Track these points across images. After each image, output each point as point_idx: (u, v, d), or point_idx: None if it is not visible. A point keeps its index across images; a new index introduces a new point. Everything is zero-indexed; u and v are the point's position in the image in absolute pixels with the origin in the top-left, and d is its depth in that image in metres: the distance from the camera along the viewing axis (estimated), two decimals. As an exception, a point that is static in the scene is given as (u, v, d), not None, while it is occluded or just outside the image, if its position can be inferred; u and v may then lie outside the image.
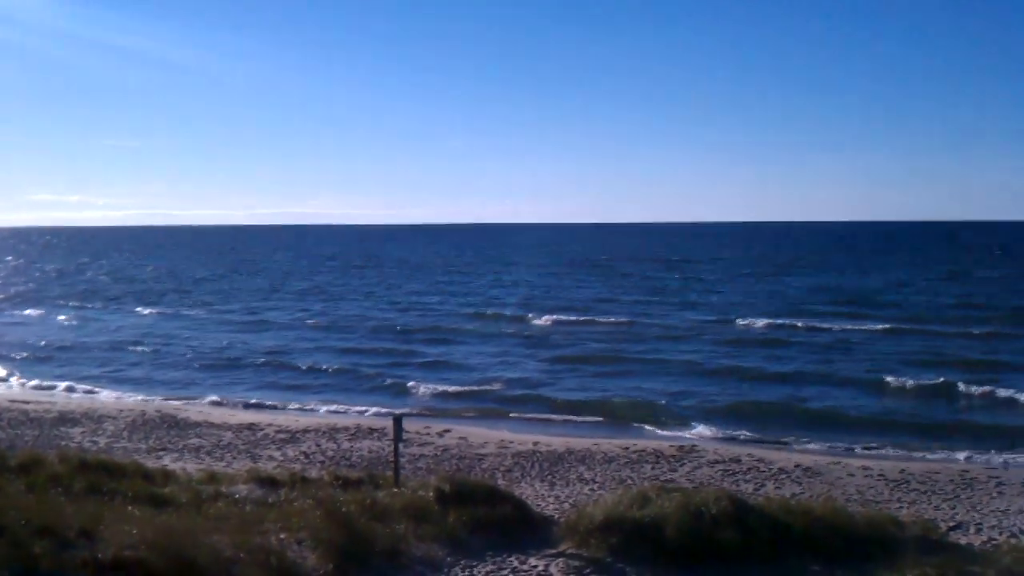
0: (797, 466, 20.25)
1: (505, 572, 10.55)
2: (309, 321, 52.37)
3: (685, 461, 20.85)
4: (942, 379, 30.56)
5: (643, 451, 21.84)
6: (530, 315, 52.24)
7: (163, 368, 37.36)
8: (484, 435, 23.90)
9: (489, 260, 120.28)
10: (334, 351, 40.73)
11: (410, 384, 32.23)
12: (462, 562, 10.74)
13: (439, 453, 21.47)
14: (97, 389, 32.65)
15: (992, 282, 72.76)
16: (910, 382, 30.56)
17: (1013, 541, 13.61)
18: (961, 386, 29.55)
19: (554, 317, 51.08)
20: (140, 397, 30.82)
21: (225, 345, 42.88)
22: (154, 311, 59.27)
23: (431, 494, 12.33)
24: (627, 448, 22.12)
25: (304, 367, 36.51)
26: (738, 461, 20.77)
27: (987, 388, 29.18)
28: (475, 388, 31.69)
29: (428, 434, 23.71)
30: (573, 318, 51.10)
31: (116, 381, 34.26)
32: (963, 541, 13.65)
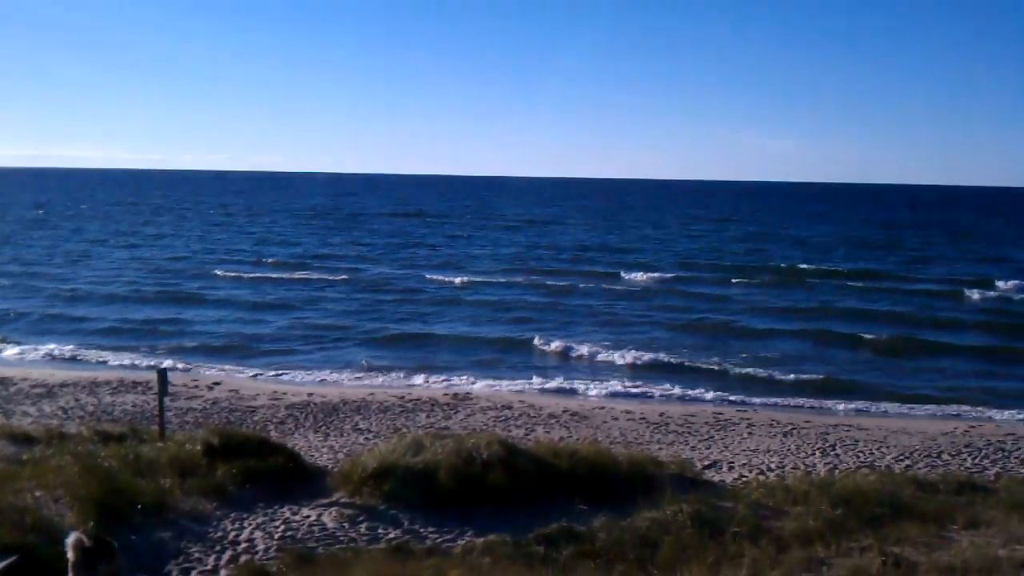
0: (565, 411, 20.95)
1: (276, 523, 10.43)
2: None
3: (459, 409, 21.17)
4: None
5: (418, 400, 22.01)
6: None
7: None
8: (256, 387, 23.41)
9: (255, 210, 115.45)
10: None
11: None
12: (232, 515, 10.54)
13: (208, 406, 20.88)
14: None
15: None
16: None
17: (761, 477, 14.59)
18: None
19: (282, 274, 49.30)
20: None
21: None
22: None
23: (199, 447, 12.01)
24: (403, 397, 22.23)
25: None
26: (510, 407, 21.28)
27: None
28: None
29: (197, 387, 23.00)
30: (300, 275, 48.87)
31: None
32: (717, 478, 14.56)
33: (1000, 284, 46.44)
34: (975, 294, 43.45)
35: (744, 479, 14.63)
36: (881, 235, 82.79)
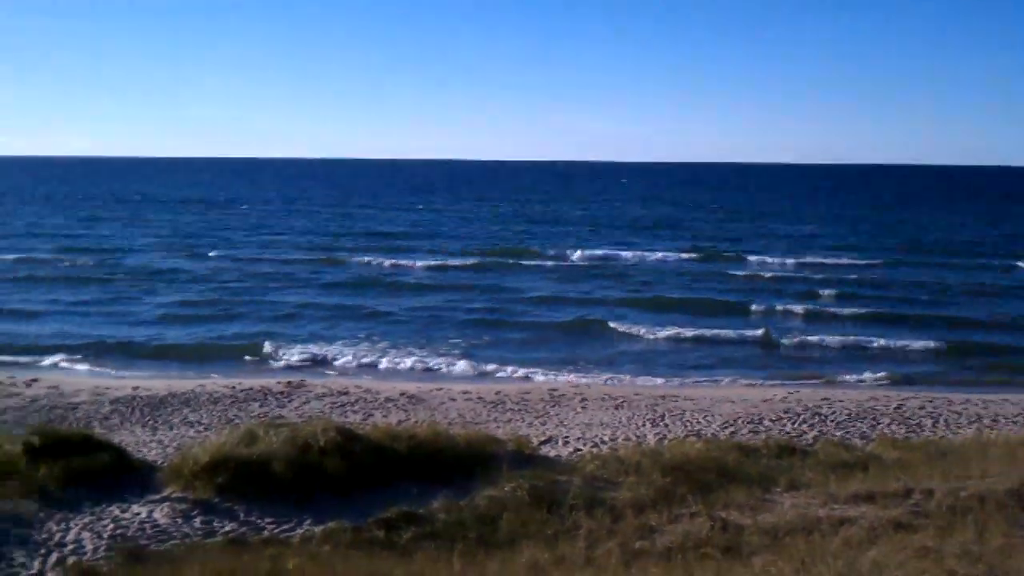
0: (402, 394, 20.92)
1: (105, 522, 10.08)
2: None
3: (294, 397, 20.84)
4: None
5: (251, 389, 21.53)
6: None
7: None
8: (78, 383, 22.39)
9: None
10: None
11: None
12: (56, 516, 10.12)
13: (27, 404, 19.85)
14: None
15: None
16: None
17: (595, 450, 14.96)
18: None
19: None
20: None
21: None
22: None
23: (18, 448, 11.47)
24: (234, 387, 21.70)
25: None
26: (346, 393, 21.09)
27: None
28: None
29: (13, 384, 21.83)
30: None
31: None
32: (553, 453, 14.85)
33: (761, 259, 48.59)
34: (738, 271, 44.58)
35: (579, 452, 14.96)
36: (669, 214, 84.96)
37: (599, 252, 51.44)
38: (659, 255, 50.42)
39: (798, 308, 33.62)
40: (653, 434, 17.03)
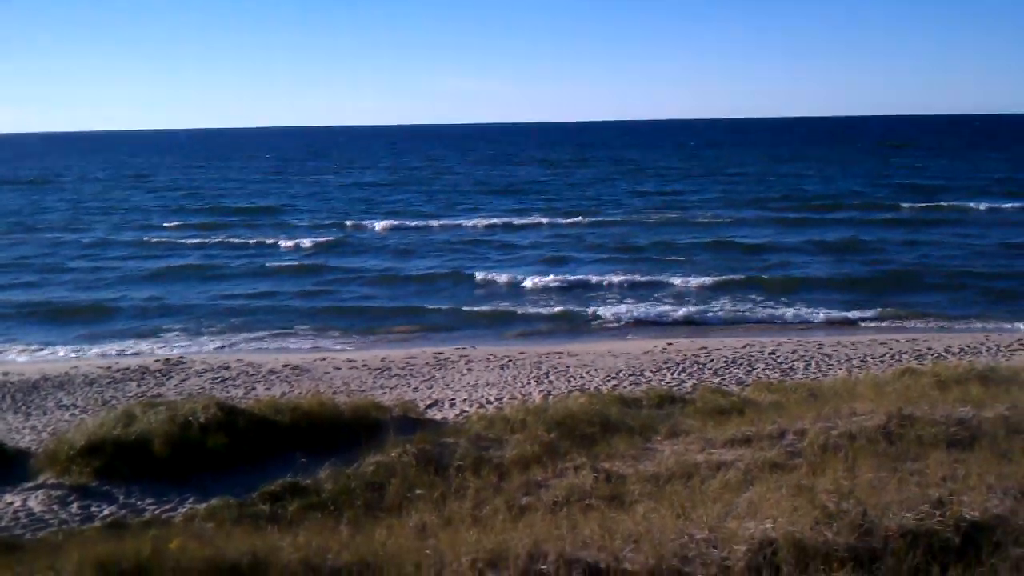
0: (285, 366, 20.64)
1: (-24, 514, 9.73)
2: None
3: (172, 374, 20.37)
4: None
5: (127, 369, 20.94)
6: None
7: None
8: (-60, 371, 21.45)
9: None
10: None
11: None
12: (-79, 512, 9.73)
13: None
14: None
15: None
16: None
17: (481, 411, 15.05)
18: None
19: None
20: None
21: None
22: None
23: None
24: (110, 367, 21.08)
25: None
26: (227, 368, 20.70)
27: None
28: None
29: None
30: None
31: None
32: (439, 416, 14.94)
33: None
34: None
35: (465, 414, 15.05)
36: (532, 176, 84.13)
37: (443, 222, 48.73)
38: (510, 219, 48.85)
39: (639, 276, 31.67)
40: (538, 391, 17.21)
